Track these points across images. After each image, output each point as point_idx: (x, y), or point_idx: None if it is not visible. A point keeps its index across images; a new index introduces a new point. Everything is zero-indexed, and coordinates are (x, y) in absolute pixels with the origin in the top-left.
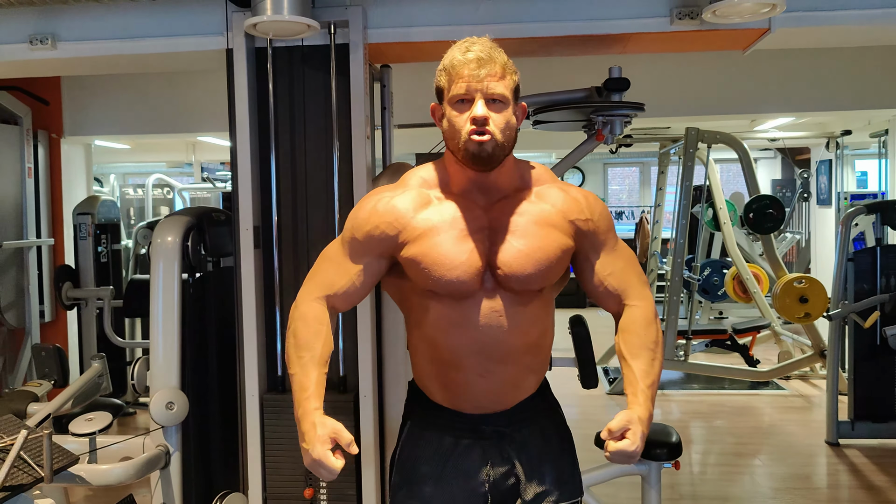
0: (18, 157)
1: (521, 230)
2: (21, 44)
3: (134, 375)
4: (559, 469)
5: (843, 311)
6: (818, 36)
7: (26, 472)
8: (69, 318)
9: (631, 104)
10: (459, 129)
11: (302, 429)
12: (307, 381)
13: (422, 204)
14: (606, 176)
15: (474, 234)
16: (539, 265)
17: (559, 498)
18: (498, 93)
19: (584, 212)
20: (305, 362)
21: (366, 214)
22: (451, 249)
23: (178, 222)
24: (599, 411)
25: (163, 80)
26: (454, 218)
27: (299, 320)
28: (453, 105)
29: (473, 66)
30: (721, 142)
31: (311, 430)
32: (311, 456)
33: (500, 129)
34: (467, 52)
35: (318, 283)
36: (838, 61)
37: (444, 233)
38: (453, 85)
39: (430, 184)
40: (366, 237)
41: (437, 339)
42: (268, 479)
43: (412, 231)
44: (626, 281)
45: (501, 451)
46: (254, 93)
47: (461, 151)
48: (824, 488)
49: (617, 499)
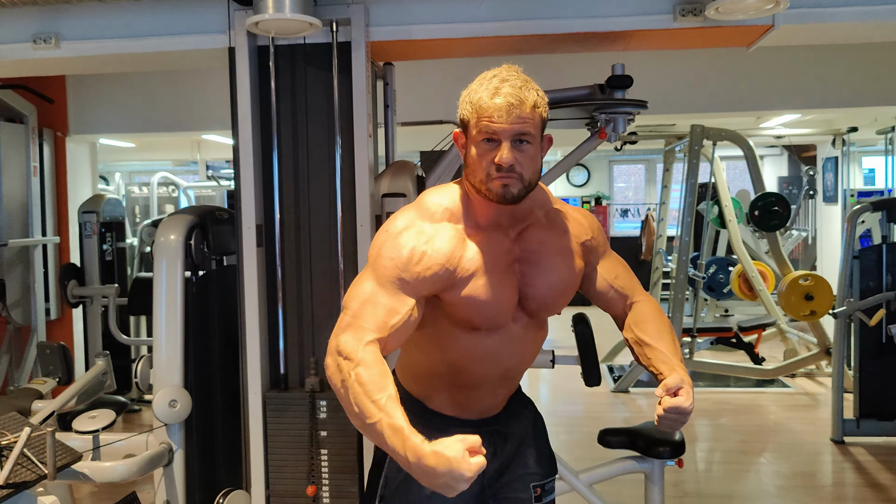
0: (24, 155)
1: (547, 263)
2: (25, 43)
3: (137, 373)
4: (539, 451)
5: (848, 309)
6: (822, 32)
7: (30, 470)
8: (75, 316)
9: (633, 102)
10: (483, 166)
11: (427, 464)
12: (396, 422)
13: (459, 242)
14: (612, 173)
15: (509, 270)
16: (565, 296)
17: (542, 476)
18: (525, 132)
19: (588, 232)
20: (384, 404)
21: (410, 254)
22: (495, 291)
23: (181, 221)
24: (604, 409)
25: (167, 78)
26: (492, 257)
27: (359, 366)
28: (478, 143)
29: (503, 113)
30: (726, 139)
31: (435, 458)
32: (456, 470)
33: (527, 170)
34: (495, 97)
35: (365, 328)
36: (844, 58)
37: (487, 273)
38: (480, 122)
39: (455, 216)
40: (416, 278)
41: (462, 364)
42: (270, 477)
43: (461, 272)
44: (630, 280)
45: (494, 448)
46: (256, 91)
47: (484, 190)
48: (829, 486)
49: (621, 496)
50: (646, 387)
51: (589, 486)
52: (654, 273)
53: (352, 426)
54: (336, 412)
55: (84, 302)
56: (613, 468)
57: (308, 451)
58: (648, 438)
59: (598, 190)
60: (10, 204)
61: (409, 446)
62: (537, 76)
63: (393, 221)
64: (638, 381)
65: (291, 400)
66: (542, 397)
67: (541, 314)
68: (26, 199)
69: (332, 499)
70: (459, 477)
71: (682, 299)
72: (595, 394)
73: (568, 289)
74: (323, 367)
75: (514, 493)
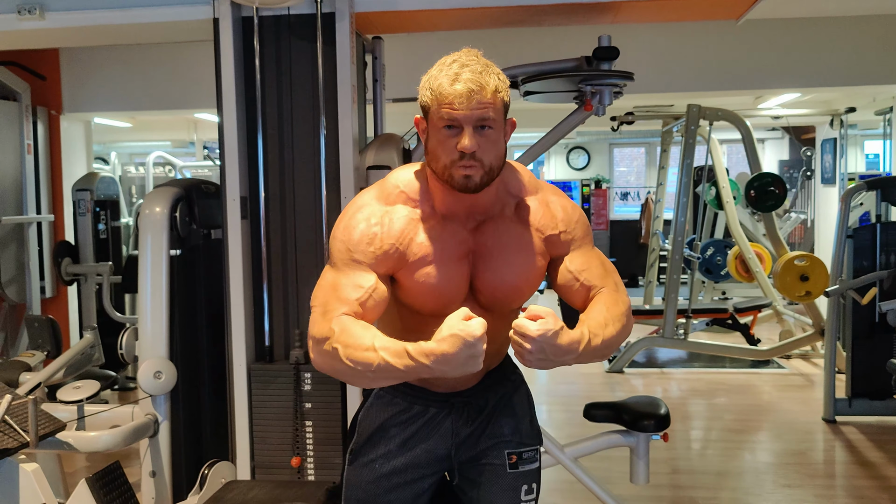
0: (18, 133)
1: (503, 258)
2: (9, 14)
3: (122, 345)
4: (517, 420)
5: (840, 288)
6: (813, 4)
7: (11, 437)
8: (70, 294)
9: (619, 73)
10: (445, 153)
11: (441, 352)
12: (396, 348)
13: (413, 225)
14: (612, 156)
15: (461, 261)
16: (519, 292)
17: (518, 444)
18: (487, 117)
19: (557, 225)
20: (378, 345)
21: (361, 236)
22: (442, 280)
23: (166, 193)
24: (599, 389)
25: (162, 56)
26: (443, 245)
27: (339, 332)
28: (439, 130)
29: (463, 99)
30: (723, 118)
31: (446, 339)
32: (477, 332)
33: (489, 155)
34: (455, 83)
35: (335, 309)
36: (842, 36)
37: (436, 262)
38: (441, 109)
39: (412, 199)
40: (370, 257)
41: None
42: (256, 448)
43: (410, 256)
44: (602, 277)
45: (467, 416)
46: (241, 62)
47: (446, 177)
48: (819, 464)
49: (610, 472)
50: (640, 367)
51: (574, 459)
52: (650, 255)
53: (335, 398)
54: (321, 384)
55: (78, 280)
56: (598, 442)
57: (293, 423)
58: (633, 412)
59: (598, 173)
60: (4, 181)
61: (417, 354)
62: (525, 50)
63: (350, 205)
64: (632, 362)
65: (276, 372)
66: (539, 377)
67: (494, 308)
68: (20, 177)
69: (317, 470)
70: (474, 341)
71: (677, 280)
72: (590, 374)
73: (523, 285)
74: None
75: (488, 460)
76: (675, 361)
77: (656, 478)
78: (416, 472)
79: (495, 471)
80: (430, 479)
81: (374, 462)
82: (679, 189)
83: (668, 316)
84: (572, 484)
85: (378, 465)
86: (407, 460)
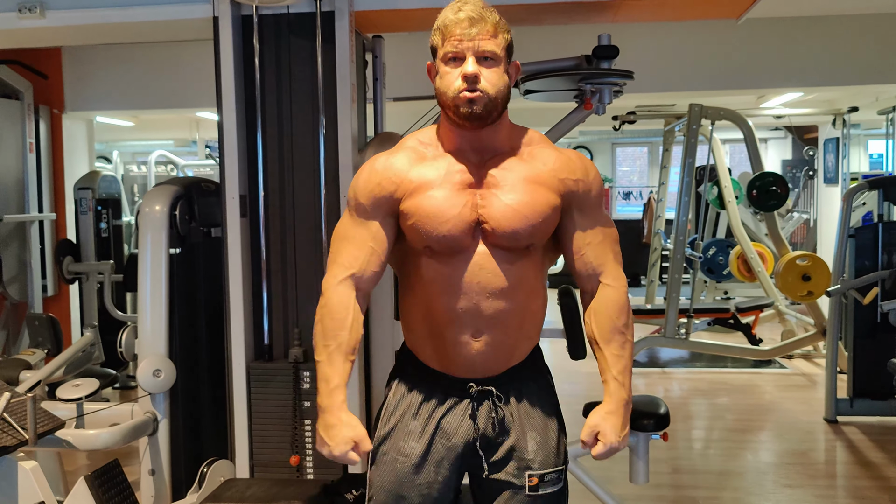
0: (20, 132)
1: (510, 186)
2: (10, 13)
3: (122, 343)
4: (543, 437)
5: (842, 287)
6: (812, 2)
7: (10, 435)
8: (71, 293)
9: (619, 71)
10: (450, 86)
11: (326, 421)
12: (332, 373)
13: (417, 160)
14: (615, 156)
15: (466, 189)
16: (527, 220)
17: (541, 465)
18: (489, 50)
19: (577, 172)
20: (331, 352)
21: (366, 176)
22: (444, 203)
23: (165, 192)
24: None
25: (164, 55)
26: (448, 172)
27: (324, 308)
28: (445, 62)
29: (465, 25)
30: (725, 118)
31: (337, 426)
32: (334, 453)
33: (491, 85)
34: (459, 12)
35: (339, 263)
36: (844, 35)
37: (437, 187)
38: (446, 43)
39: (425, 143)
40: (370, 198)
41: (431, 298)
42: (254, 447)
43: (408, 185)
44: (603, 255)
45: (488, 413)
46: (240, 61)
47: (452, 108)
48: (821, 464)
49: (610, 472)
50: (642, 367)
51: (574, 458)
52: (652, 254)
53: None
54: None
55: (80, 278)
56: None
57: (292, 422)
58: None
59: (601, 172)
60: (6, 180)
61: (328, 398)
62: (526, 48)
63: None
64: (634, 362)
65: (275, 370)
66: None
67: (500, 240)
68: (22, 176)
69: (316, 468)
70: (336, 459)
71: (679, 279)
72: (592, 373)
73: (531, 216)
74: (306, 338)
75: (508, 477)
76: (677, 361)
77: (657, 477)
78: (437, 470)
79: (514, 491)
80: (452, 476)
81: (395, 460)
82: (681, 188)
83: (669, 315)
84: (572, 483)
85: (399, 464)
86: (427, 456)
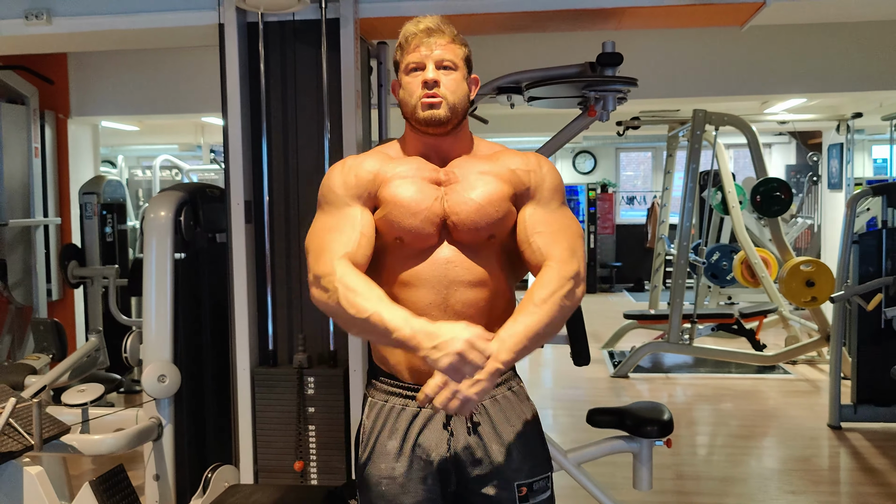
0: (25, 136)
1: (469, 182)
2: (17, 19)
3: (127, 348)
4: (526, 445)
5: (846, 293)
6: (814, 10)
7: (16, 440)
8: (76, 297)
9: (623, 79)
10: (413, 94)
11: (428, 331)
12: (395, 308)
13: (386, 160)
14: (619, 161)
15: (432, 183)
16: (483, 212)
17: (529, 474)
18: (448, 58)
19: (530, 164)
20: (379, 299)
21: (339, 172)
22: (417, 194)
23: (170, 197)
24: (604, 394)
25: (169, 60)
26: (417, 168)
27: (342, 276)
28: (407, 73)
29: (424, 35)
30: (728, 124)
31: (440, 326)
32: (460, 342)
33: (451, 92)
34: (418, 24)
35: (330, 250)
36: (848, 41)
37: (410, 179)
38: (406, 55)
39: (385, 152)
40: (347, 189)
41: (398, 295)
42: (259, 452)
43: (383, 176)
44: (553, 245)
45: (464, 423)
46: (245, 67)
47: (414, 116)
48: (824, 470)
49: (613, 478)
50: (646, 372)
51: (577, 465)
52: (656, 259)
53: (339, 402)
54: (324, 388)
55: (84, 283)
56: (601, 448)
57: (296, 427)
58: (636, 418)
59: (605, 177)
60: (12, 184)
61: (410, 322)
62: (531, 55)
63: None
64: (637, 367)
65: (279, 376)
66: (543, 382)
67: (462, 234)
68: (28, 180)
69: (320, 474)
70: (480, 349)
71: (682, 285)
72: (595, 379)
73: (486, 205)
74: (311, 343)
75: (494, 491)
76: (681, 366)
77: (661, 483)
78: (422, 488)
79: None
80: (441, 489)
81: (379, 483)
82: (685, 194)
83: (673, 321)
84: (575, 489)
85: (384, 487)
86: (409, 476)
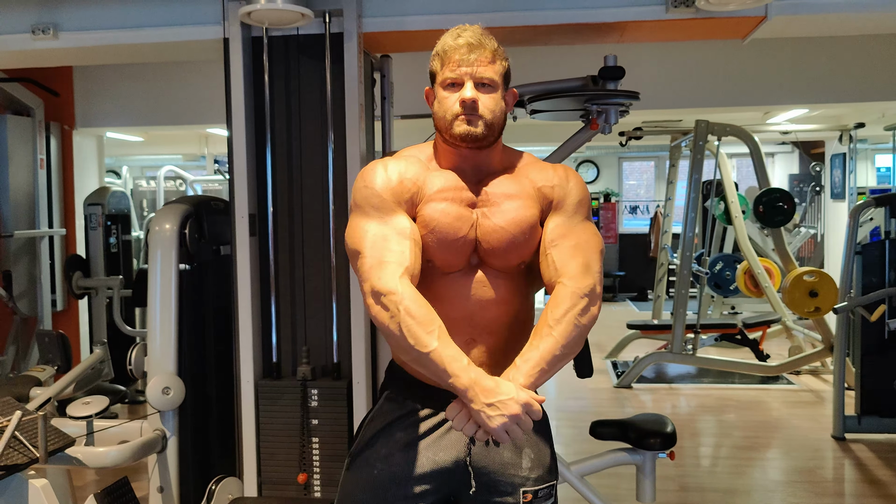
0: (31, 148)
1: (500, 207)
2: (24, 34)
3: (131, 360)
4: (536, 453)
5: (849, 304)
6: (815, 24)
7: (21, 453)
8: (81, 308)
9: (625, 92)
10: (448, 110)
11: (484, 387)
12: (455, 351)
13: (424, 168)
14: (621, 170)
15: (467, 206)
16: (512, 239)
17: (536, 482)
18: (487, 77)
19: (553, 179)
20: (440, 335)
21: (382, 174)
22: (453, 224)
23: (175, 210)
24: (608, 404)
25: (174, 72)
26: (455, 188)
27: (405, 300)
28: (444, 88)
29: (464, 51)
30: (731, 134)
31: (499, 383)
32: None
33: (489, 111)
34: (458, 38)
35: (390, 260)
36: (850, 52)
37: (448, 201)
38: (444, 68)
39: (421, 156)
40: (392, 194)
41: None
42: (262, 464)
43: (426, 188)
44: (569, 259)
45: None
46: (250, 82)
47: (449, 133)
48: (828, 482)
49: (617, 490)
50: (649, 383)
51: (580, 477)
52: (659, 269)
53: (342, 414)
54: (328, 400)
55: (89, 293)
56: (604, 460)
57: (299, 439)
58: (639, 430)
59: (608, 186)
60: (17, 196)
61: (468, 371)
62: (534, 68)
63: (363, 170)
64: (641, 378)
65: (283, 388)
66: (547, 392)
67: (492, 260)
68: (33, 191)
69: (323, 486)
70: (533, 410)
71: (685, 295)
72: (598, 390)
73: (515, 231)
74: (314, 356)
75: (501, 496)
76: (684, 377)
77: (665, 495)
78: (418, 487)
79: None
80: (436, 498)
81: (373, 466)
82: (688, 203)
83: (676, 331)
84: (578, 501)
85: (377, 471)
86: (409, 468)
